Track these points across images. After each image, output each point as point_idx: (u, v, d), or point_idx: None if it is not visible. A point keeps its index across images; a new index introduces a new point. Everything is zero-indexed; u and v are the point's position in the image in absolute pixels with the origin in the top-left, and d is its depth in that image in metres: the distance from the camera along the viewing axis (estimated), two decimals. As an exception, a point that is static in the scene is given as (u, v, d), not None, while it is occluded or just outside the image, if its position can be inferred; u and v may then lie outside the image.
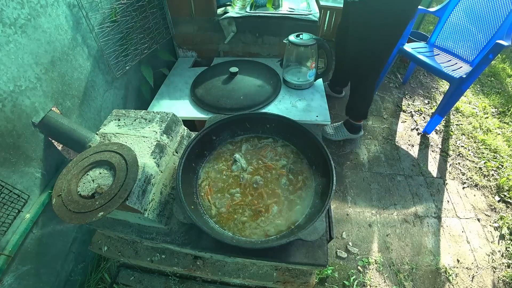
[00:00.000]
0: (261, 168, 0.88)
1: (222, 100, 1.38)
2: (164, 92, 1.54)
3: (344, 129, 1.82)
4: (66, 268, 1.10)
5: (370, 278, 1.30)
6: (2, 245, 0.80)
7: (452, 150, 1.90)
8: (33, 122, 0.83)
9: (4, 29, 0.74)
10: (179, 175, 0.76)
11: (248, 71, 1.52)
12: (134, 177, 0.64)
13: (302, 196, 0.82)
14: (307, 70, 1.50)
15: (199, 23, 1.64)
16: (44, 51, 0.88)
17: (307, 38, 1.38)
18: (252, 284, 1.01)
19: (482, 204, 1.61)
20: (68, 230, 1.10)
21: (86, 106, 1.12)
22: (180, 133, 0.92)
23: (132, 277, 1.11)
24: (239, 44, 1.74)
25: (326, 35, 2.55)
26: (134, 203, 0.66)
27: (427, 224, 1.49)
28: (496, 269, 1.34)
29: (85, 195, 0.64)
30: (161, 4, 1.48)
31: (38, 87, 0.86)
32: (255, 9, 1.64)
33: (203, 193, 0.83)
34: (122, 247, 0.97)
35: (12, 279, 0.85)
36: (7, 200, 0.77)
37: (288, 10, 1.63)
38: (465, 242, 1.44)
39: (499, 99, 2.32)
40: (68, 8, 0.97)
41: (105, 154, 0.70)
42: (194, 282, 1.08)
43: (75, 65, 1.03)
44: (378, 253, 1.38)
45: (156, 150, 0.77)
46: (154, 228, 0.83)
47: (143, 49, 1.40)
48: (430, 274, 1.32)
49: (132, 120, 0.85)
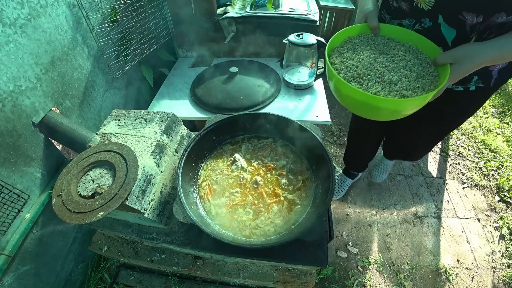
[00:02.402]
0: (261, 168, 0.88)
1: (222, 100, 1.38)
2: (164, 92, 1.54)
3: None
4: (66, 268, 1.10)
5: (370, 278, 1.30)
6: (2, 245, 0.80)
7: (452, 150, 1.90)
8: (33, 122, 0.83)
9: (4, 29, 0.74)
10: (179, 175, 0.76)
11: (248, 71, 1.52)
12: (134, 177, 0.64)
13: (302, 196, 0.82)
14: (307, 70, 1.50)
15: (199, 23, 1.64)
16: (44, 51, 0.88)
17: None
18: (252, 284, 1.01)
19: (482, 204, 1.61)
20: (68, 230, 1.10)
21: (86, 106, 1.12)
22: (180, 133, 0.92)
23: (132, 277, 1.11)
24: (239, 44, 1.74)
25: (326, 35, 2.55)
26: (134, 203, 0.66)
27: (427, 224, 1.49)
28: (496, 269, 1.34)
29: (85, 195, 0.64)
30: (161, 4, 1.48)
31: (38, 87, 0.86)
32: (255, 9, 1.64)
33: (203, 193, 0.83)
34: (122, 247, 0.97)
35: (12, 279, 0.85)
36: (7, 200, 0.77)
37: (288, 10, 1.63)
38: (465, 242, 1.44)
39: (499, 99, 2.33)
40: (68, 8, 0.97)
41: (105, 154, 0.70)
42: (194, 282, 1.08)
43: (75, 65, 1.03)
44: (378, 253, 1.38)
45: (156, 150, 0.77)
46: (154, 228, 0.83)
47: (143, 49, 1.40)
48: (430, 274, 1.32)
49: (132, 120, 0.85)
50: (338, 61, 0.69)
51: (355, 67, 0.66)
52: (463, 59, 0.60)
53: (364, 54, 0.68)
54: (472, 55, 0.59)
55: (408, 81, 0.62)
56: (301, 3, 1.70)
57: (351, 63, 0.67)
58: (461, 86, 0.82)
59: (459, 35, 0.67)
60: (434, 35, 0.69)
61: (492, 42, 0.59)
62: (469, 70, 0.60)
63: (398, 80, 0.62)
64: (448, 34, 0.69)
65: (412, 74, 0.62)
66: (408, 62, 0.65)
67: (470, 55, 0.59)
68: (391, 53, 0.67)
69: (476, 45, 0.60)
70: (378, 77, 0.63)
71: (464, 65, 0.60)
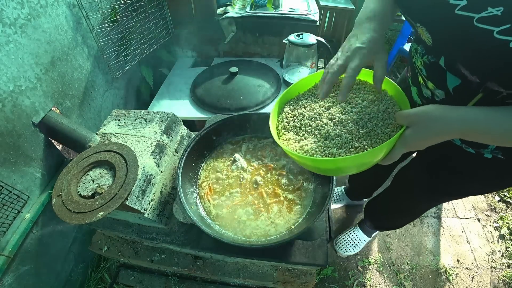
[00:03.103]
0: (261, 168, 0.88)
1: (222, 100, 1.38)
2: (164, 92, 1.54)
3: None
4: (66, 268, 1.10)
5: (370, 278, 1.30)
6: (2, 245, 0.80)
7: (452, 150, 1.90)
8: (33, 122, 0.83)
9: (4, 29, 0.74)
10: (179, 175, 0.76)
11: (248, 71, 1.52)
12: (134, 177, 0.64)
13: (302, 196, 0.82)
14: (307, 70, 1.50)
15: (199, 23, 1.64)
16: (44, 51, 0.88)
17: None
18: (252, 284, 1.01)
19: (482, 204, 1.61)
20: (68, 230, 1.10)
21: (86, 106, 1.12)
22: (180, 133, 0.92)
23: (132, 277, 1.11)
24: (239, 44, 1.74)
25: (326, 35, 2.55)
26: (134, 203, 0.66)
27: (427, 224, 1.49)
28: (496, 269, 1.34)
29: (85, 195, 0.64)
30: (161, 4, 1.48)
31: (38, 87, 0.86)
32: (255, 9, 1.64)
33: (203, 193, 0.83)
34: (122, 247, 0.97)
35: (12, 279, 0.85)
36: (7, 200, 0.77)
37: (288, 10, 1.63)
38: (465, 242, 1.44)
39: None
40: (68, 8, 0.97)
41: (105, 154, 0.70)
42: (194, 282, 1.08)
43: (75, 65, 1.03)
44: (378, 253, 1.38)
45: (156, 150, 0.77)
46: (154, 228, 0.83)
47: (143, 49, 1.40)
48: (430, 274, 1.32)
49: (132, 120, 0.85)
50: (288, 108, 0.60)
51: (302, 115, 0.57)
52: (419, 123, 0.44)
53: (321, 102, 0.57)
54: (431, 123, 0.43)
55: (350, 138, 0.50)
56: (301, 3, 1.70)
57: (300, 111, 0.58)
58: (471, 148, 0.60)
59: (464, 84, 0.50)
60: (438, 75, 0.54)
61: (467, 112, 0.42)
62: (426, 141, 0.44)
63: (337, 135, 0.51)
64: (451, 79, 0.51)
65: (360, 131, 0.50)
66: (365, 116, 0.51)
67: (429, 122, 0.43)
68: (354, 102, 0.55)
69: (445, 110, 0.43)
70: (317, 129, 0.54)
71: (418, 132, 0.44)
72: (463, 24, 0.39)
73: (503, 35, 0.35)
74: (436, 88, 0.56)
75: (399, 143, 0.46)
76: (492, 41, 0.36)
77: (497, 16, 0.35)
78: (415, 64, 0.62)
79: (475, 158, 0.60)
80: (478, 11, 0.37)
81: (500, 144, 0.49)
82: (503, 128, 0.40)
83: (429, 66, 0.56)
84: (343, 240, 1.36)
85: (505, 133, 0.40)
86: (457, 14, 0.39)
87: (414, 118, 0.44)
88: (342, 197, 1.53)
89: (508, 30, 0.35)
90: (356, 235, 1.35)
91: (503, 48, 0.36)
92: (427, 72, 0.57)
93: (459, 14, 0.39)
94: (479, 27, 0.37)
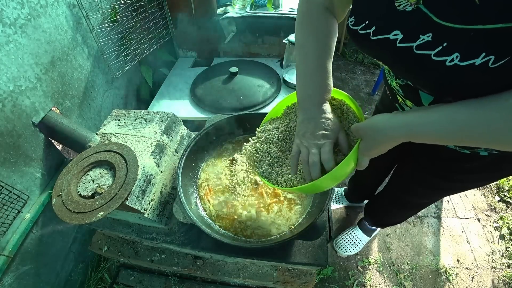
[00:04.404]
0: (261, 168, 0.88)
1: (222, 100, 1.38)
2: (164, 92, 1.54)
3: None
4: (66, 268, 1.10)
5: (370, 278, 1.30)
6: (2, 245, 0.80)
7: (452, 150, 1.90)
8: (33, 122, 0.83)
9: (4, 29, 0.74)
10: (179, 175, 0.76)
11: (248, 71, 1.52)
12: (134, 177, 0.64)
13: (302, 196, 0.82)
14: (307, 70, 1.50)
15: (199, 23, 1.64)
16: (44, 51, 0.88)
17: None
18: (252, 284, 1.01)
19: (482, 204, 1.61)
20: (68, 230, 1.10)
21: (86, 106, 1.12)
22: (180, 133, 0.92)
23: (132, 277, 1.11)
24: (239, 44, 1.74)
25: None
26: (134, 203, 0.66)
27: (427, 224, 1.49)
28: (496, 269, 1.34)
29: (85, 195, 0.64)
30: (161, 4, 1.48)
31: (38, 87, 0.86)
32: (255, 9, 1.64)
33: (203, 193, 0.83)
34: (122, 247, 0.97)
35: (12, 279, 0.85)
36: (7, 200, 0.77)
37: (288, 10, 1.63)
38: (465, 242, 1.44)
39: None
40: (68, 8, 0.97)
41: (105, 154, 0.70)
42: (194, 282, 1.08)
43: (75, 65, 1.03)
44: (378, 253, 1.38)
45: (156, 150, 0.76)
46: (154, 228, 0.83)
47: (143, 49, 1.40)
48: (430, 274, 1.32)
49: (132, 120, 0.85)
50: (261, 128, 0.63)
51: (272, 134, 0.60)
52: (367, 136, 0.47)
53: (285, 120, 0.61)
54: (377, 134, 0.45)
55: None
56: (301, 3, 1.70)
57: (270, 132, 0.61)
58: (467, 150, 0.60)
59: (437, 99, 0.51)
60: (413, 94, 0.56)
61: (413, 116, 0.43)
62: (378, 149, 0.47)
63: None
64: (425, 96, 0.53)
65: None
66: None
67: (375, 133, 0.46)
68: None
69: (390, 119, 0.45)
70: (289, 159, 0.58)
71: (368, 143, 0.47)
72: (406, 53, 0.43)
73: (438, 56, 0.38)
74: (414, 105, 0.60)
75: (359, 153, 0.49)
76: (432, 63, 0.39)
77: (429, 41, 0.39)
78: (391, 85, 0.65)
79: (472, 157, 0.62)
80: (414, 40, 0.41)
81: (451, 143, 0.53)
82: (445, 129, 0.40)
83: (404, 87, 0.59)
84: (343, 240, 1.36)
85: (448, 133, 0.41)
86: (399, 46, 0.43)
87: (363, 131, 0.48)
88: (342, 199, 1.54)
89: (441, 52, 0.38)
90: (356, 235, 1.35)
91: (442, 68, 0.38)
92: (403, 92, 0.60)
93: (401, 46, 0.43)
94: (419, 54, 0.41)
